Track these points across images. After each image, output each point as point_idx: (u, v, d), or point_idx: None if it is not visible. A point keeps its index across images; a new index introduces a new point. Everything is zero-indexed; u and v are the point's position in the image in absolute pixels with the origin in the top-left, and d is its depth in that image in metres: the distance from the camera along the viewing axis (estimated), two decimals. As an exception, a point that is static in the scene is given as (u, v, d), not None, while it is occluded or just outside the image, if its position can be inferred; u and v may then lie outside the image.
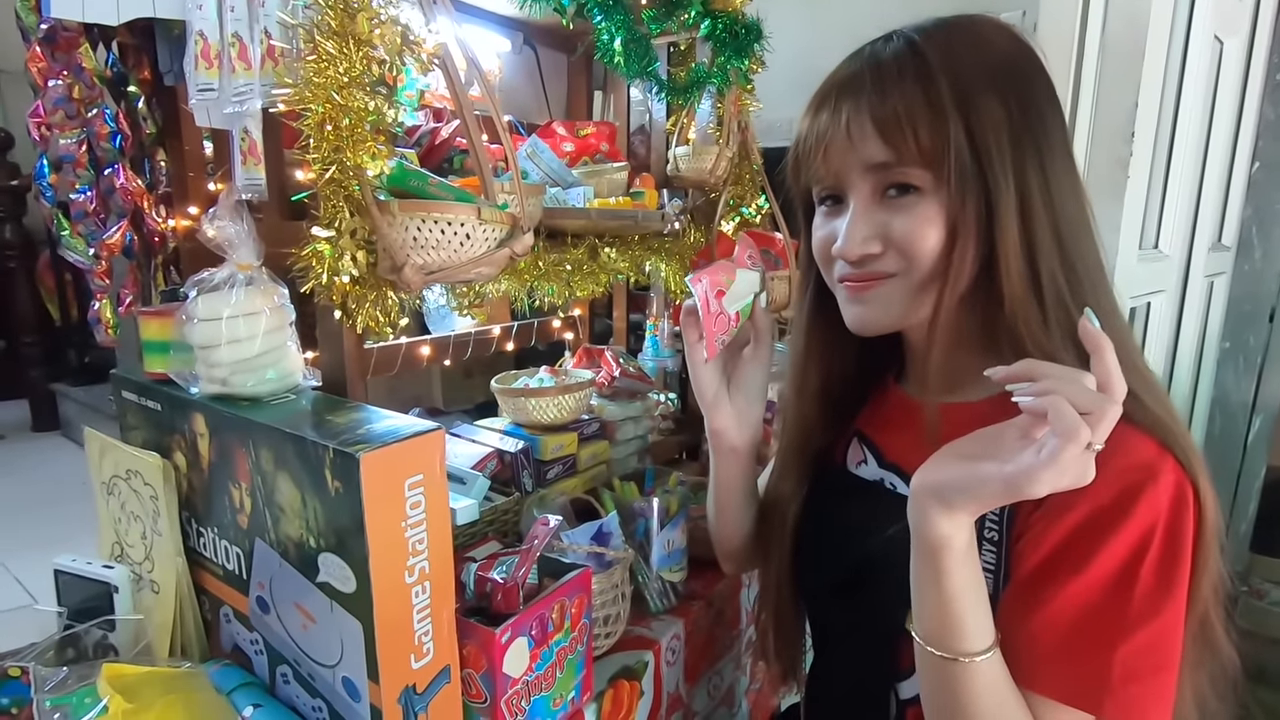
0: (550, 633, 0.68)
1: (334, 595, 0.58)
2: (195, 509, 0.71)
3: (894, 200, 0.57)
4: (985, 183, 0.54)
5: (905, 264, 0.58)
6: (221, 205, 0.60)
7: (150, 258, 0.78)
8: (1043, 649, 0.52)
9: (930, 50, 0.55)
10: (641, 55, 1.01)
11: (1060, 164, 0.56)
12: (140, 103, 0.74)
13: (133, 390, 0.75)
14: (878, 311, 0.61)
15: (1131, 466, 0.50)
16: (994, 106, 0.54)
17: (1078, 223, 0.57)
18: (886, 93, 0.55)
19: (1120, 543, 0.50)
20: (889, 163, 0.56)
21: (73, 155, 0.74)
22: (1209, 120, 1.66)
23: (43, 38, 0.72)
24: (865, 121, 0.56)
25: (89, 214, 0.76)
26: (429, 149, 0.87)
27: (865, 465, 0.70)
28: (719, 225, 1.17)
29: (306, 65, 0.54)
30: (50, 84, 0.73)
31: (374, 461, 0.53)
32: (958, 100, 0.54)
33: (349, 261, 0.58)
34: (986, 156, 0.54)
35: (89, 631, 0.72)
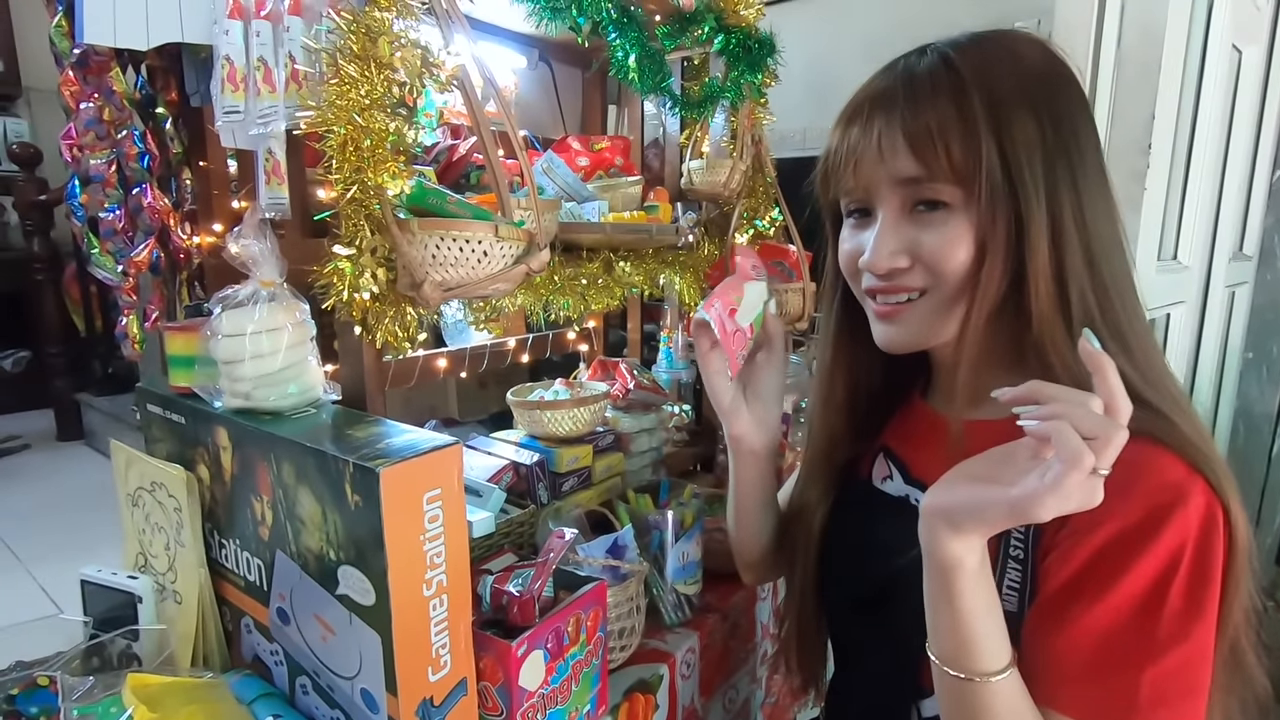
0: (566, 646, 0.68)
1: (353, 608, 0.58)
2: (218, 521, 0.73)
3: (923, 215, 0.57)
4: (1016, 201, 0.54)
5: (933, 280, 0.58)
6: (246, 224, 0.61)
7: (175, 274, 0.80)
8: (1068, 669, 0.51)
9: (964, 65, 0.55)
10: (655, 71, 1.02)
11: (1093, 182, 0.56)
12: (168, 124, 0.76)
13: (157, 403, 0.77)
14: (907, 332, 0.61)
15: (1160, 487, 0.50)
16: (1027, 123, 0.54)
17: (1110, 243, 0.57)
18: (919, 107, 0.55)
19: (1148, 563, 0.49)
20: (919, 178, 0.56)
21: (103, 175, 0.76)
22: (1228, 129, 1.64)
23: (75, 62, 0.74)
24: (897, 135, 0.56)
25: (118, 232, 0.78)
26: (446, 165, 0.89)
27: (891, 480, 0.70)
28: (733, 238, 1.18)
29: (329, 88, 0.55)
30: (82, 106, 0.75)
31: (393, 476, 0.54)
32: (991, 116, 0.53)
33: (369, 279, 0.59)
34: (1019, 174, 0.53)
35: (114, 641, 0.74)
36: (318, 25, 0.58)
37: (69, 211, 0.84)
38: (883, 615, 0.64)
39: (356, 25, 0.55)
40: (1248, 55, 1.65)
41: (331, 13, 0.55)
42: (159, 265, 0.81)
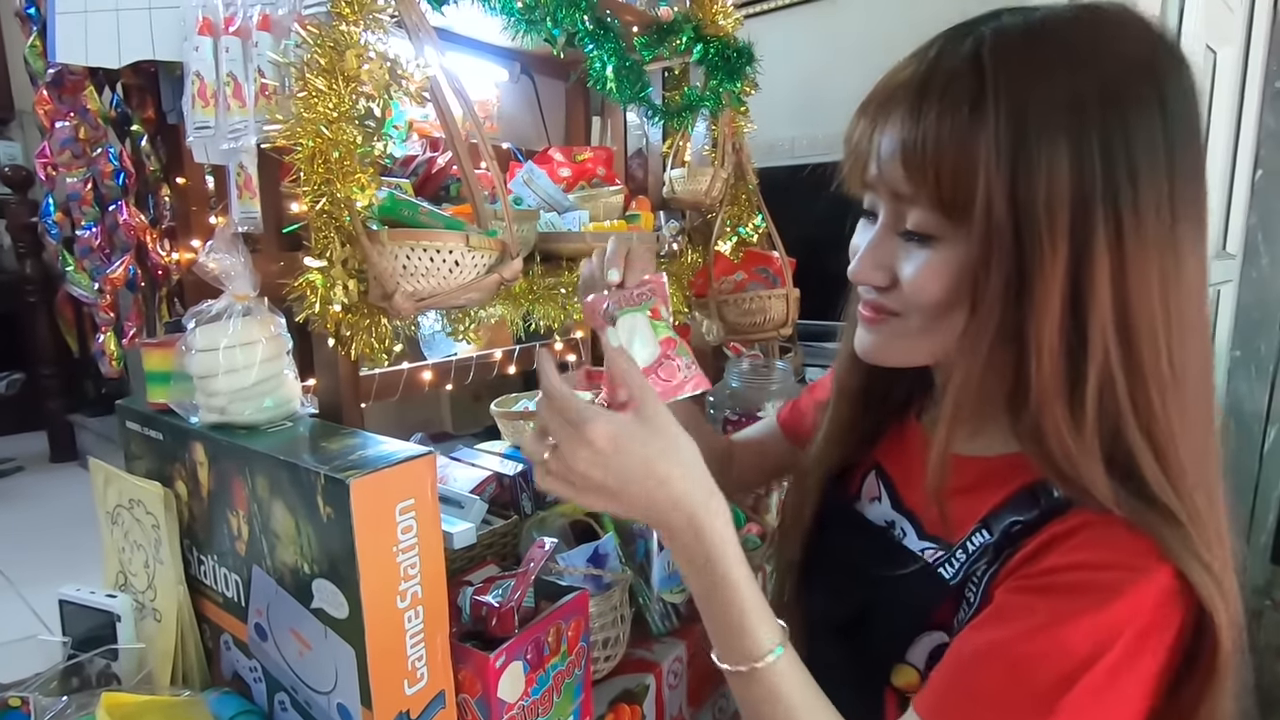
0: (546, 656, 0.68)
1: (328, 621, 0.58)
2: (196, 537, 0.72)
3: (908, 239, 0.51)
4: (1021, 250, 0.44)
5: (906, 308, 0.53)
6: (218, 238, 0.61)
7: (155, 291, 0.80)
8: (941, 670, 0.50)
9: (997, 67, 0.45)
10: (634, 81, 1.03)
11: (1154, 238, 0.44)
12: (144, 141, 0.76)
13: (136, 420, 0.77)
14: (880, 345, 0.57)
15: (1113, 562, 0.45)
16: (1060, 157, 0.43)
17: (1163, 316, 0.45)
18: (922, 115, 0.46)
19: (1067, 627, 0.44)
20: (908, 197, 0.49)
21: (79, 193, 0.76)
22: (1206, 130, 1.65)
23: (50, 81, 0.74)
24: (895, 145, 0.48)
25: (94, 250, 0.78)
26: (425, 178, 0.89)
27: (878, 503, 0.66)
28: (716, 245, 1.18)
29: (297, 101, 0.56)
30: (57, 125, 0.75)
31: (364, 487, 0.54)
32: (1010, 141, 0.43)
33: (340, 290, 0.59)
34: (1032, 220, 0.44)
35: (92, 661, 0.73)
36: (286, 40, 0.59)
37: (44, 230, 0.84)
38: (851, 642, 0.62)
39: (323, 39, 0.56)
40: (1223, 56, 1.66)
41: (298, 27, 0.55)
42: (136, 282, 0.81)
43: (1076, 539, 0.47)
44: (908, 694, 0.57)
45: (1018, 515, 0.52)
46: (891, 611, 0.56)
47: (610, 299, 0.60)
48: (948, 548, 0.56)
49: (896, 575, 0.58)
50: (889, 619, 0.56)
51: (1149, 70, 0.45)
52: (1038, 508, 0.51)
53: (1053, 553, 0.47)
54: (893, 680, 0.57)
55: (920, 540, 0.60)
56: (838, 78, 2.73)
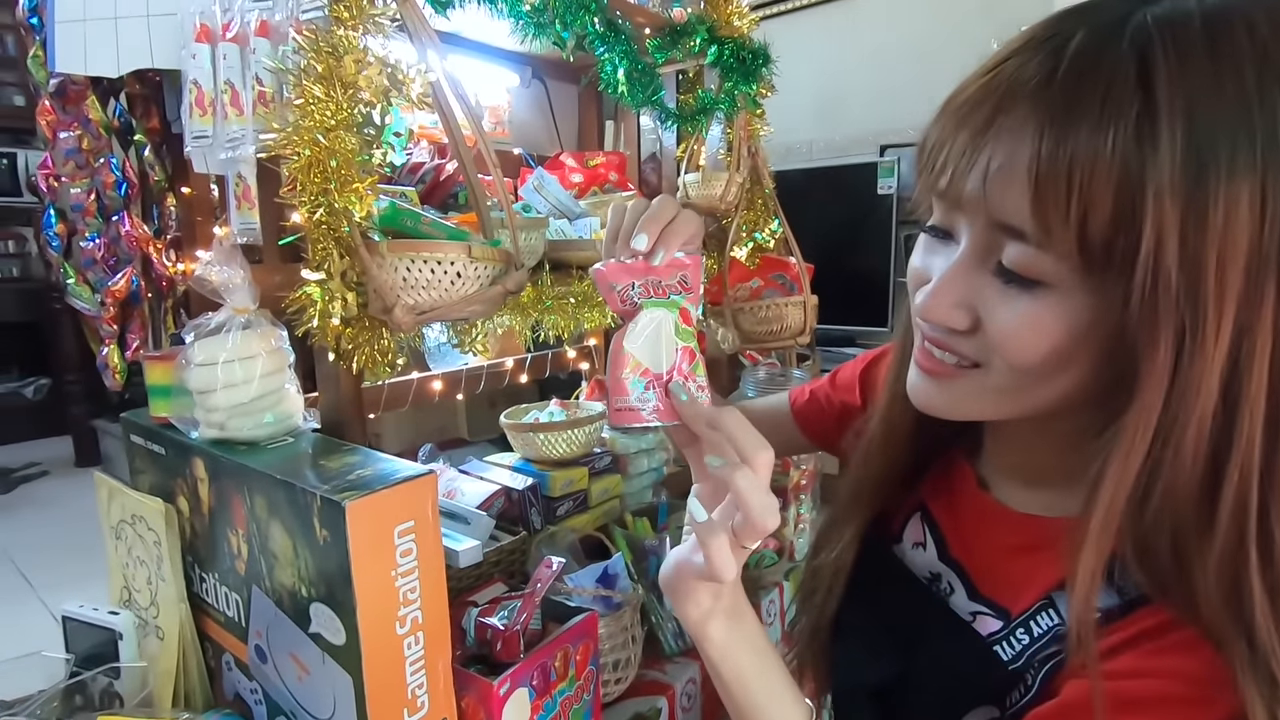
0: (553, 682, 0.65)
1: (326, 647, 0.56)
2: (198, 554, 0.71)
3: (1007, 276, 0.40)
4: (1182, 316, 0.35)
5: (994, 360, 0.42)
6: (217, 250, 0.60)
7: (161, 302, 0.79)
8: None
9: (1172, 72, 0.34)
10: (647, 85, 1.00)
11: None
12: (147, 150, 0.75)
13: (140, 434, 0.76)
14: (945, 401, 0.47)
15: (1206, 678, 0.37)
16: (1241, 193, 0.33)
17: None
18: (1068, 127, 0.35)
19: None
20: (1014, 231, 0.38)
21: (82, 204, 0.76)
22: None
23: (53, 92, 0.74)
24: (1020, 164, 0.37)
25: (97, 261, 0.77)
26: (432, 186, 0.88)
27: (923, 550, 0.58)
28: (731, 251, 1.15)
29: (293, 109, 0.54)
30: (61, 136, 0.75)
31: (360, 509, 0.52)
32: (1186, 171, 0.33)
33: (339, 304, 0.57)
34: (1200, 272, 0.34)
35: (95, 679, 0.72)
36: (284, 46, 0.57)
37: (45, 242, 0.83)
38: (892, 707, 0.54)
39: (320, 45, 0.54)
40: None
41: (295, 33, 0.53)
42: (140, 294, 0.80)
43: (1166, 641, 0.39)
44: None
45: (1099, 599, 0.42)
46: (936, 684, 0.50)
47: (634, 276, 0.48)
48: (1004, 615, 0.49)
49: (944, 642, 0.51)
50: (933, 691, 0.49)
51: None
52: (1118, 596, 0.42)
53: (1136, 651, 0.40)
54: None
55: (970, 601, 0.52)
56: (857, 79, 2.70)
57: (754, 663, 0.50)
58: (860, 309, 2.40)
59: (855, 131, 2.44)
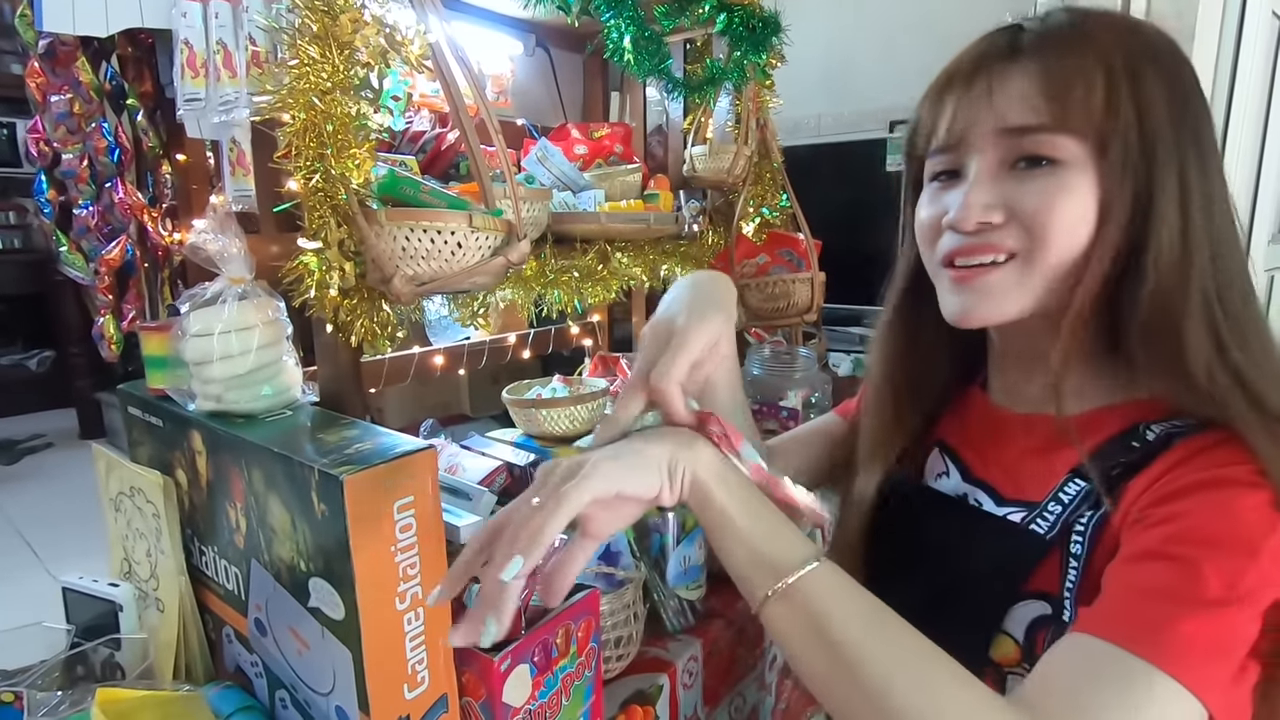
0: (555, 659, 0.65)
1: (324, 622, 0.55)
2: (197, 527, 0.70)
3: (1025, 172, 0.52)
4: (1149, 166, 0.50)
5: (1029, 242, 0.52)
6: (211, 218, 0.58)
7: (157, 272, 0.78)
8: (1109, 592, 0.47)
9: (1092, 24, 0.52)
10: (653, 53, 0.98)
11: (1214, 164, 0.53)
12: (140, 115, 0.73)
13: (137, 406, 0.75)
14: (987, 301, 0.55)
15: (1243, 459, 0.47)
16: (1159, 85, 0.50)
17: (1228, 228, 0.53)
18: (1057, 53, 0.51)
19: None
20: (1033, 126, 0.51)
21: (74, 171, 0.74)
22: (1268, 103, 1.55)
23: (42, 53, 0.72)
24: (1022, 81, 0.51)
25: (91, 229, 0.76)
26: (433, 155, 0.85)
27: (946, 478, 0.65)
28: (739, 226, 1.13)
29: (288, 71, 0.52)
30: (51, 99, 0.73)
31: (358, 484, 0.51)
32: (1129, 73, 0.50)
33: (337, 274, 0.55)
34: (1154, 138, 0.50)
35: (96, 650, 0.72)
36: (278, 4, 0.55)
37: (36, 209, 0.82)
38: (938, 620, 0.54)
39: (315, 3, 0.52)
40: (1289, 24, 1.56)
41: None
42: (134, 263, 0.79)
43: (1196, 460, 0.48)
44: (1005, 667, 0.55)
45: (1116, 458, 0.52)
46: (982, 581, 0.55)
47: None
48: (1032, 507, 0.55)
49: (984, 542, 0.56)
50: (980, 589, 0.55)
51: (1177, 45, 0.53)
52: (1134, 450, 0.52)
53: (1175, 472, 0.48)
54: (990, 654, 0.55)
55: (1000, 506, 0.59)
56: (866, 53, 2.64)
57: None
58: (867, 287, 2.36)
59: (865, 106, 2.40)
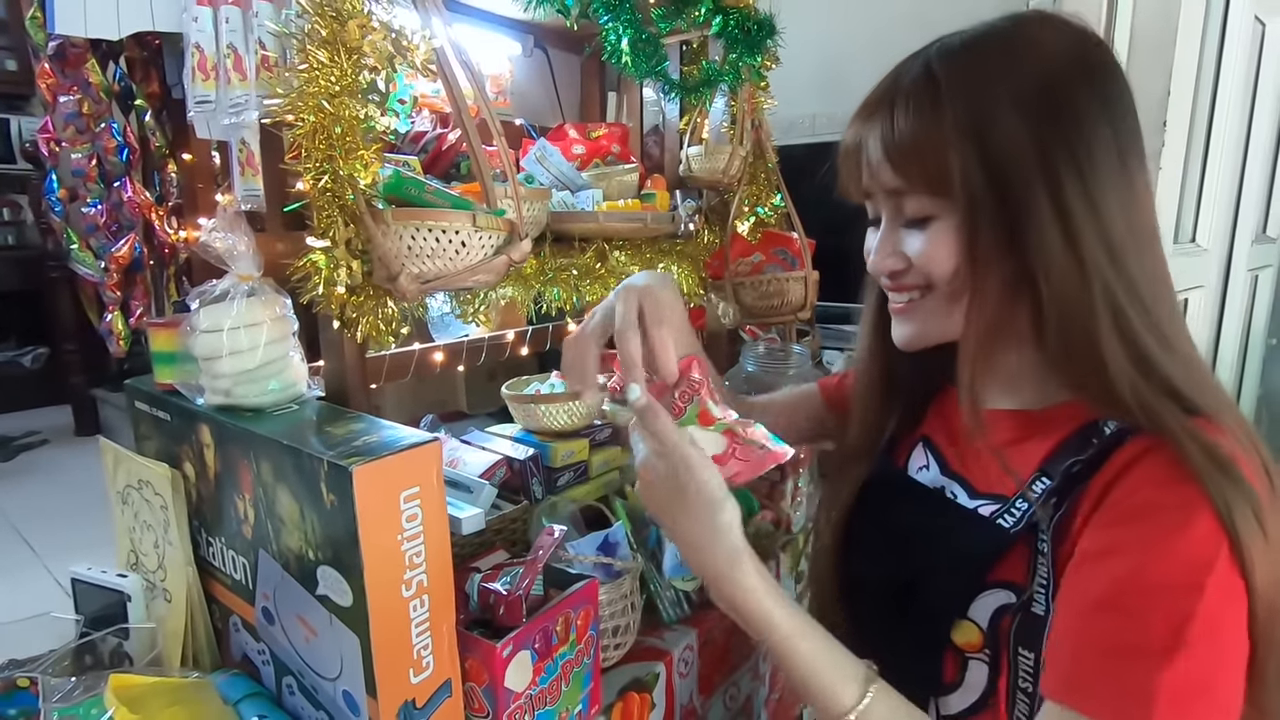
0: (555, 645, 0.66)
1: (333, 608, 0.57)
2: (205, 519, 0.72)
3: (906, 227, 0.58)
4: (1008, 206, 0.53)
5: (929, 283, 0.58)
6: (220, 217, 0.60)
7: (163, 269, 0.79)
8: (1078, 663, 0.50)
9: (947, 75, 0.54)
10: (650, 55, 0.99)
11: (1105, 173, 0.53)
12: (148, 116, 0.75)
13: (145, 400, 0.76)
14: (917, 329, 0.61)
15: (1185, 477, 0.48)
16: (1015, 127, 0.52)
17: (1134, 233, 0.54)
18: (896, 122, 0.55)
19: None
20: (900, 190, 0.57)
21: (83, 170, 0.75)
22: (1251, 106, 1.58)
23: (52, 55, 0.73)
24: (879, 149, 0.56)
25: (100, 227, 0.77)
26: (434, 155, 0.87)
27: (926, 471, 0.69)
28: (734, 225, 1.15)
29: (298, 75, 0.54)
30: (60, 100, 0.74)
31: (367, 474, 0.52)
32: (970, 126, 0.52)
33: (344, 272, 0.57)
34: (1007, 179, 0.52)
35: (105, 639, 0.73)
36: (287, 9, 0.56)
37: (48, 208, 0.83)
38: (906, 607, 0.63)
39: (323, 8, 0.53)
40: (1272, 27, 1.58)
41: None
42: (142, 260, 0.80)
43: (1144, 465, 0.50)
44: (967, 652, 0.58)
45: (1076, 455, 0.54)
46: (948, 570, 0.58)
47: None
48: (1004, 500, 0.58)
49: (953, 531, 0.60)
50: (947, 577, 0.58)
51: (1080, 53, 0.55)
52: (1093, 446, 0.54)
53: (1122, 483, 0.51)
54: (953, 638, 0.58)
55: (972, 499, 0.62)
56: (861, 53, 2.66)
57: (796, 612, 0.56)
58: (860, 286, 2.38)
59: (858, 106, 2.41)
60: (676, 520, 0.57)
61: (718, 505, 0.56)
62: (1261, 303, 1.85)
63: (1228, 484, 0.47)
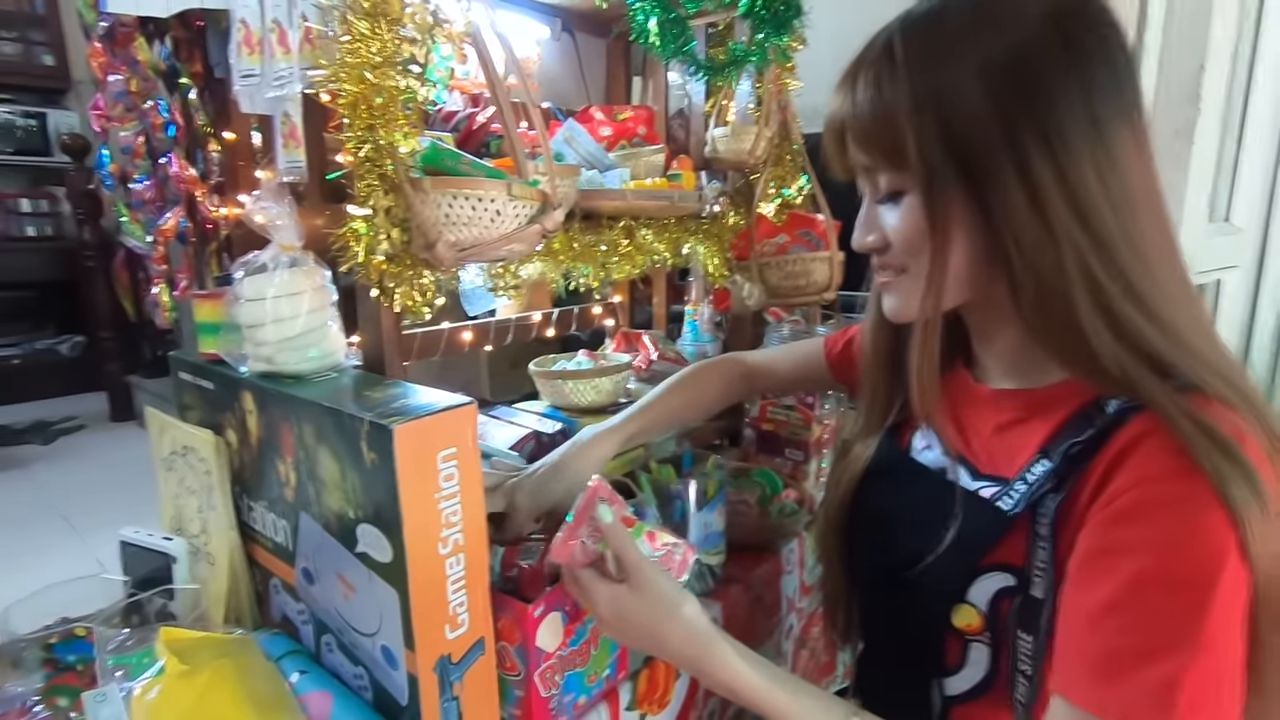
0: (584, 610, 0.68)
1: (372, 565, 0.59)
2: (246, 484, 0.74)
3: (885, 202, 0.58)
4: (971, 173, 0.52)
5: (907, 261, 0.58)
6: (265, 189, 0.62)
7: (205, 245, 0.81)
8: (1072, 638, 0.50)
9: (904, 46, 0.53)
10: (677, 35, 1.00)
11: (1076, 138, 0.51)
12: (192, 94, 0.77)
13: (189, 371, 0.79)
14: (901, 304, 0.61)
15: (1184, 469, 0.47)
16: (971, 93, 0.51)
17: (1109, 197, 0.52)
18: (857, 97, 0.55)
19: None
20: (870, 166, 0.57)
21: (131, 146, 0.77)
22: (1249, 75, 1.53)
23: (102, 34, 0.75)
24: (847, 129, 0.57)
25: (147, 202, 0.79)
26: (466, 134, 0.89)
27: (930, 451, 0.68)
28: (759, 207, 1.15)
29: (341, 46, 0.55)
30: (110, 79, 0.76)
31: (407, 434, 0.54)
32: (926, 97, 0.52)
33: (384, 239, 0.59)
34: (965, 147, 0.52)
35: (151, 600, 0.76)
36: (330, -16, 0.58)
37: (99, 182, 0.85)
38: (907, 586, 0.62)
39: (366, -19, 0.55)
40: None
41: (341, -31, 0.54)
42: (186, 235, 0.82)
43: (1143, 450, 0.49)
44: (967, 635, 0.58)
45: (1074, 437, 0.53)
46: (947, 552, 0.58)
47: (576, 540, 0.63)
48: (1004, 483, 0.57)
49: (953, 513, 0.59)
50: (946, 559, 0.58)
51: (1043, 8, 0.52)
52: (1093, 426, 0.52)
53: (1124, 468, 0.49)
54: (953, 621, 0.58)
55: (975, 480, 0.61)
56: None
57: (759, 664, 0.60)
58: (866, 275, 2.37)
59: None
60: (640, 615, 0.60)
61: (682, 600, 0.60)
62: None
63: (1230, 469, 0.45)
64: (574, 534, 0.62)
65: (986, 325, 0.62)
